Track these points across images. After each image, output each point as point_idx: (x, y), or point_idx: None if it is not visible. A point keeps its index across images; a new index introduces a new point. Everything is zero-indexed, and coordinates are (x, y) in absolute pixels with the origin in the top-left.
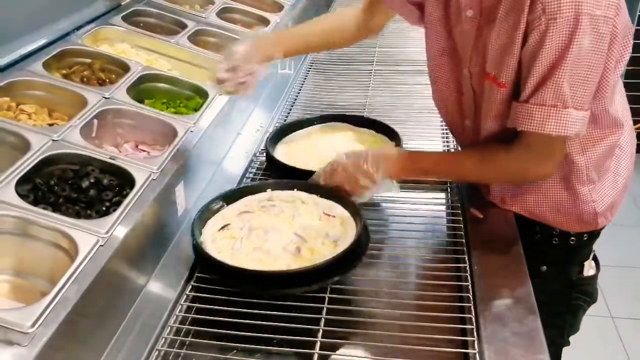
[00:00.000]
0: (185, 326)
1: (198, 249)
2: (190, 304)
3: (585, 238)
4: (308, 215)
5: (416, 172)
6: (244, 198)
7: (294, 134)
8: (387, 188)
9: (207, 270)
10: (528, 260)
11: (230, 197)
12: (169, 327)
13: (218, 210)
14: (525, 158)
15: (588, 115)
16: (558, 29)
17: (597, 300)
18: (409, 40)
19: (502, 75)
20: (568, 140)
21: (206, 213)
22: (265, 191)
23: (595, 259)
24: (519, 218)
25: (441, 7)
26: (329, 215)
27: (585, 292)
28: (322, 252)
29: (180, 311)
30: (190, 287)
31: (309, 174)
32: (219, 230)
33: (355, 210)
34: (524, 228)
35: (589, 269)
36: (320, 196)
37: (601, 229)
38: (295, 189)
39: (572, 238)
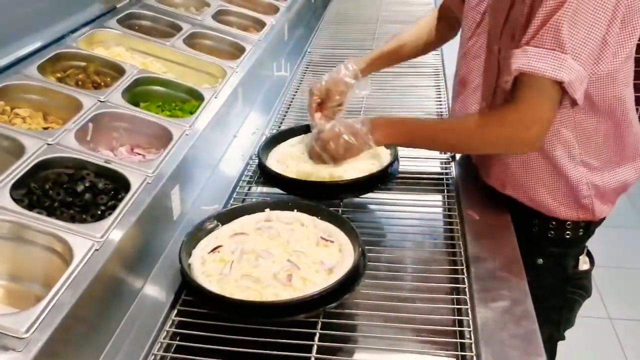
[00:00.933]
0: (182, 331)
1: (182, 274)
2: (187, 309)
3: (581, 232)
4: (305, 240)
5: (401, 139)
6: (241, 218)
7: (286, 141)
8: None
9: (191, 295)
10: (525, 254)
11: (225, 216)
12: (165, 332)
13: (212, 230)
14: (514, 115)
15: (585, 77)
16: None
17: (595, 302)
18: None
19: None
20: (558, 106)
21: (199, 232)
22: (263, 211)
23: (589, 254)
24: (517, 210)
25: None
26: (326, 241)
27: (581, 286)
28: (315, 280)
29: (176, 315)
30: (186, 291)
31: (300, 182)
32: (210, 252)
33: (354, 236)
34: (522, 221)
35: (583, 263)
36: (321, 218)
37: (597, 221)
38: (296, 210)
39: (568, 232)
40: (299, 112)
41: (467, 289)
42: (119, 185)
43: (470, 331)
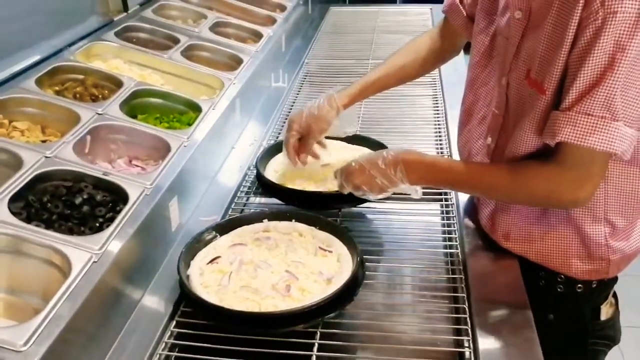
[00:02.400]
0: (181, 342)
1: (180, 285)
2: (186, 320)
3: (595, 285)
4: (303, 250)
5: (435, 182)
6: (239, 228)
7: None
8: (409, 190)
9: (190, 306)
10: (533, 309)
11: (224, 227)
12: (164, 343)
13: (210, 240)
14: (560, 176)
15: (636, 136)
16: (616, 26)
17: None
18: None
19: (546, 80)
20: (611, 161)
21: (197, 243)
22: (261, 221)
23: (615, 296)
24: (522, 263)
25: (486, 14)
26: (325, 251)
27: (604, 336)
28: (313, 291)
29: (175, 327)
30: (185, 303)
31: (298, 193)
32: (208, 263)
33: (353, 246)
34: (527, 273)
35: (607, 312)
36: (320, 228)
37: (613, 277)
38: (294, 220)
39: (579, 285)
40: None
41: (465, 298)
42: (117, 197)
43: (469, 340)
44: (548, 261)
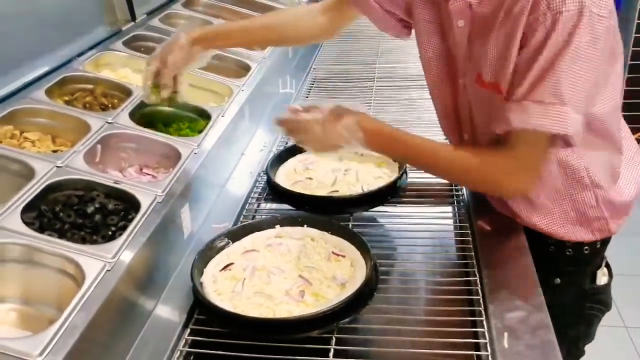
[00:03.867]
0: (195, 350)
1: (194, 292)
2: (200, 328)
3: (599, 246)
4: (316, 255)
5: (387, 150)
6: (251, 235)
7: (295, 157)
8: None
9: (204, 313)
10: (540, 274)
11: (236, 233)
12: (179, 352)
13: (223, 247)
14: (503, 164)
15: (582, 121)
16: (563, 23)
17: (611, 310)
18: (409, 57)
19: (503, 82)
20: (550, 153)
21: (210, 250)
22: (273, 227)
23: (607, 266)
24: (531, 231)
25: (431, 12)
26: (337, 255)
27: (599, 301)
28: (328, 296)
29: (189, 335)
30: (199, 310)
31: (309, 198)
32: (221, 270)
33: (366, 250)
34: (537, 241)
35: (601, 278)
36: (332, 233)
37: (607, 239)
38: (306, 225)
39: (586, 247)
40: None
41: (481, 301)
42: (129, 205)
43: (486, 343)
44: (554, 233)
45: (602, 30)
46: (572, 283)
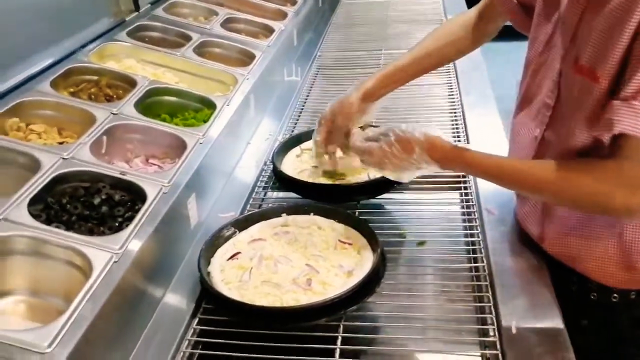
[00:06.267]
0: (204, 339)
1: (201, 282)
2: (208, 317)
3: (634, 297)
4: (323, 243)
5: (470, 173)
6: (258, 224)
7: (300, 145)
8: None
9: (212, 303)
10: (564, 312)
11: (243, 222)
12: (187, 341)
13: (230, 237)
14: (615, 177)
15: None
16: None
17: None
18: (415, 42)
19: (600, 67)
20: None
21: (217, 240)
22: (280, 216)
23: None
24: (554, 265)
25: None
26: (344, 243)
27: None
28: (334, 284)
29: (197, 324)
30: (207, 299)
31: (315, 186)
32: (228, 259)
33: (373, 237)
34: (560, 276)
35: None
36: (338, 221)
37: None
38: (312, 213)
39: (615, 295)
40: (312, 116)
41: (488, 287)
42: (135, 196)
43: (494, 329)
44: (584, 268)
45: None
46: (604, 327)
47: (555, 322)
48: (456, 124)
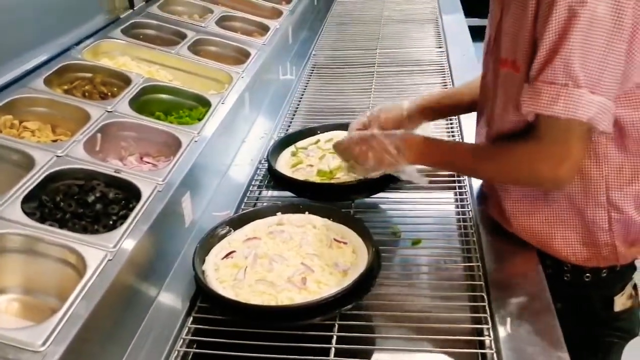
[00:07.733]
0: (198, 338)
1: (196, 281)
2: (203, 315)
3: (604, 275)
4: (318, 242)
5: (429, 160)
6: (252, 222)
7: (295, 144)
8: (411, 177)
9: (206, 301)
10: None
11: (237, 221)
12: (182, 340)
13: (224, 235)
14: (538, 152)
15: (610, 106)
16: None
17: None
18: (410, 41)
19: (519, 57)
20: (588, 139)
21: (211, 238)
22: (275, 215)
23: (635, 288)
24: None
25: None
26: (339, 242)
27: (620, 328)
28: (329, 283)
29: (192, 323)
30: (201, 298)
31: (310, 185)
32: (223, 258)
33: (368, 236)
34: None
35: (623, 303)
36: (333, 220)
37: (628, 264)
38: (307, 212)
39: (587, 274)
40: (306, 114)
41: (483, 286)
42: (129, 194)
43: (488, 328)
44: (551, 248)
45: (630, 2)
46: (578, 309)
47: (550, 321)
48: (451, 125)
